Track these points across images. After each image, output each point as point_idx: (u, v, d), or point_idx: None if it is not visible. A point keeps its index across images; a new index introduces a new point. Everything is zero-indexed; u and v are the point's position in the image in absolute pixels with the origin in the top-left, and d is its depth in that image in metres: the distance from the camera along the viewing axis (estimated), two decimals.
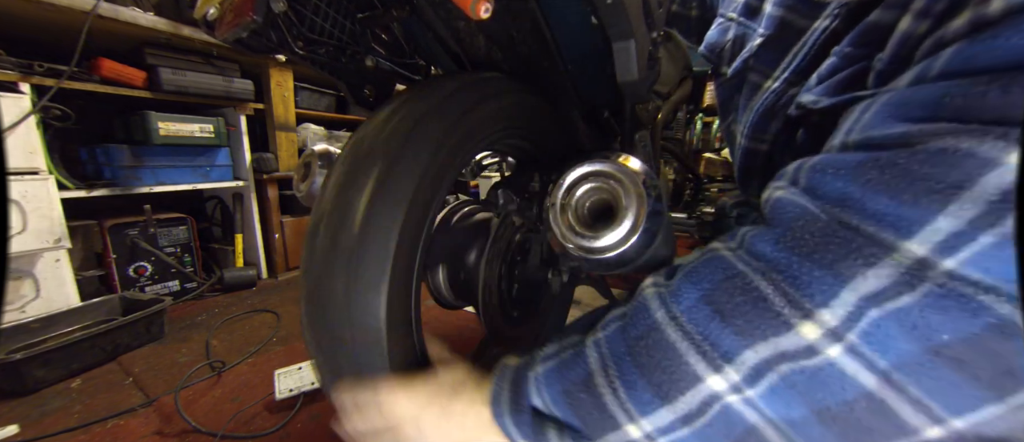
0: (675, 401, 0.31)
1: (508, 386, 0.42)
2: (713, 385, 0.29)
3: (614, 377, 0.34)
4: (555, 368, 0.39)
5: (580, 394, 0.36)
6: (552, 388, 0.38)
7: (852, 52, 0.40)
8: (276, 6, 0.48)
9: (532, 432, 0.39)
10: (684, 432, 0.31)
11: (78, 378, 1.17)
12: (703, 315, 0.30)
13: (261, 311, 1.62)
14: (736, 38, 0.62)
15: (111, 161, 1.57)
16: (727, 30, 0.64)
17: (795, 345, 0.27)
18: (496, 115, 0.57)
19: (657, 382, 0.31)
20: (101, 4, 1.33)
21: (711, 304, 0.30)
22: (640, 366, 0.33)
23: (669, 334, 0.32)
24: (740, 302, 0.29)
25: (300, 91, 2.14)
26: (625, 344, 0.34)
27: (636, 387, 0.32)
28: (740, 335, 0.28)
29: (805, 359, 0.26)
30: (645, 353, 0.33)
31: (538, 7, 0.58)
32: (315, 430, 0.93)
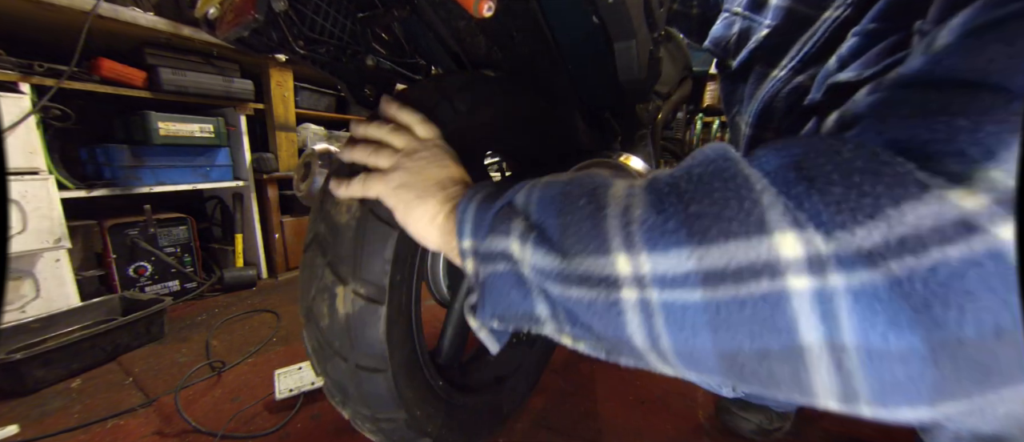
0: (709, 246, 0.22)
1: (492, 187, 0.38)
2: (782, 249, 0.20)
3: (639, 199, 0.26)
4: (566, 177, 0.32)
5: (578, 200, 0.29)
6: (549, 188, 0.32)
7: (878, 28, 0.39)
8: (277, 5, 0.48)
9: (488, 222, 0.34)
10: (695, 295, 0.22)
11: (78, 378, 1.17)
12: (790, 178, 0.22)
13: (261, 311, 1.62)
14: (742, 32, 0.63)
15: (111, 161, 1.57)
16: (732, 24, 0.65)
17: (935, 221, 0.18)
18: (496, 115, 0.57)
19: (696, 213, 0.23)
20: (101, 4, 1.33)
21: (801, 169, 0.22)
22: (682, 193, 0.24)
23: (743, 168, 0.23)
24: (844, 165, 0.21)
25: (300, 91, 2.14)
26: (671, 176, 0.26)
27: (662, 213, 0.24)
28: (840, 206, 0.20)
29: (947, 245, 0.17)
30: (698, 181, 0.24)
31: (539, 7, 0.58)
32: (315, 430, 0.92)
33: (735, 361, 0.22)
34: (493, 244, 0.33)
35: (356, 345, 0.48)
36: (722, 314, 0.22)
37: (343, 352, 0.49)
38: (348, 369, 0.49)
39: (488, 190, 0.38)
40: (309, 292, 0.50)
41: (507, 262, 0.32)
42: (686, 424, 0.93)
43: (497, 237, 0.33)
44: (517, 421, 0.93)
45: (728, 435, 0.90)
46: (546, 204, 0.31)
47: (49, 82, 1.33)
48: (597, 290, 0.26)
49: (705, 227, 0.22)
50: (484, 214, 0.35)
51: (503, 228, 0.33)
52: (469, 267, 0.37)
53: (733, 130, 0.69)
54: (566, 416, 0.95)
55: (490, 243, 0.33)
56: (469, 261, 0.36)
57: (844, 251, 0.19)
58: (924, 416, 0.20)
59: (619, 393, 1.04)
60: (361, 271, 0.47)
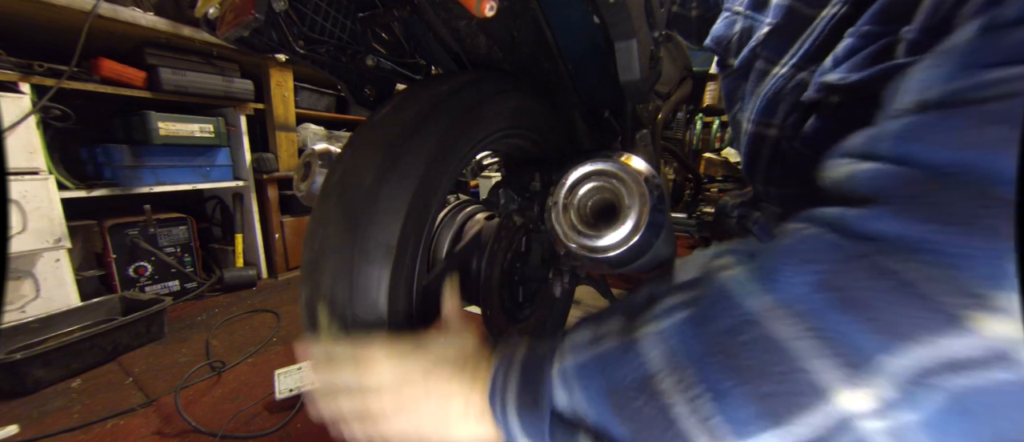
0: (789, 423, 0.22)
1: (517, 375, 0.35)
2: (848, 403, 0.21)
3: (691, 382, 0.26)
4: (594, 361, 0.31)
5: (634, 398, 0.28)
6: (590, 385, 0.30)
7: (872, 30, 0.40)
8: (277, 5, 0.48)
9: (550, 435, 0.32)
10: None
11: (78, 378, 1.17)
12: (821, 303, 0.22)
13: (261, 311, 1.62)
14: (743, 30, 0.63)
15: (111, 161, 1.57)
16: (734, 23, 0.65)
17: (971, 349, 0.19)
18: (497, 115, 0.57)
19: (762, 394, 0.23)
20: (101, 4, 1.33)
21: (832, 290, 0.22)
22: (733, 370, 0.24)
23: (775, 329, 0.23)
24: (878, 290, 0.21)
25: (300, 91, 2.14)
26: (704, 341, 0.26)
27: (729, 398, 0.24)
28: (881, 331, 0.20)
29: (988, 369, 0.19)
30: (740, 354, 0.24)
31: (539, 7, 0.58)
32: (315, 430, 0.92)
33: None
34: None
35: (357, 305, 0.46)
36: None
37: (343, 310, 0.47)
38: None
39: (512, 385, 0.34)
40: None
41: None
42: None
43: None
44: None
45: None
46: (598, 406, 0.29)
47: (49, 82, 1.33)
48: None
49: (776, 408, 0.23)
50: (533, 424, 0.32)
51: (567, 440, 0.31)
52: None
53: (734, 127, 0.69)
54: None
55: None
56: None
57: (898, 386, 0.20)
58: None
59: None
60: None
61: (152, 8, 1.51)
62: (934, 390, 0.20)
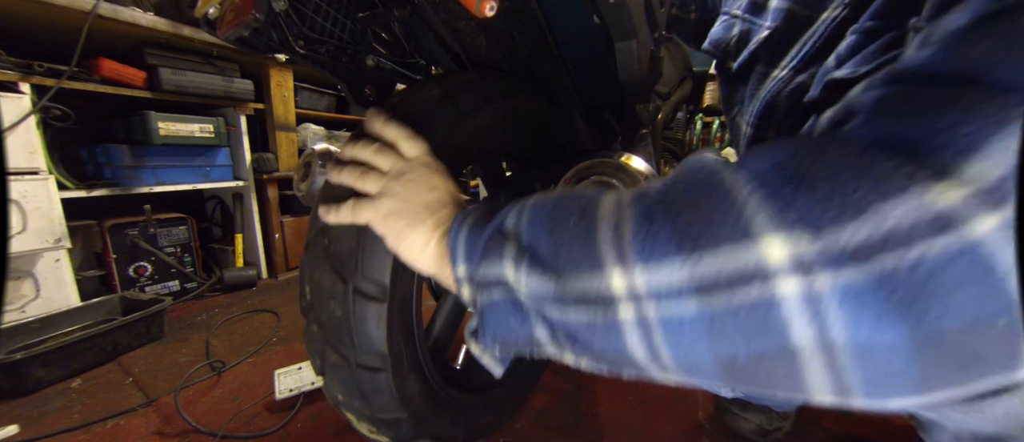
0: (700, 255, 0.22)
1: (482, 209, 0.38)
2: (770, 253, 0.20)
3: (628, 213, 0.26)
4: (553, 199, 0.32)
5: (568, 220, 0.29)
6: (538, 209, 0.31)
7: (875, 25, 0.40)
8: (277, 5, 0.48)
9: (480, 249, 0.33)
10: (689, 305, 0.22)
11: (78, 378, 1.17)
12: (778, 178, 0.22)
13: (261, 311, 1.62)
14: (741, 33, 0.63)
15: (111, 161, 1.57)
16: (732, 26, 0.65)
17: (915, 216, 0.18)
18: (497, 114, 0.57)
19: (685, 221, 0.23)
20: (101, 4, 1.33)
21: (787, 169, 0.22)
22: (670, 204, 0.24)
23: (728, 176, 0.23)
24: (833, 164, 0.21)
25: (300, 91, 2.14)
26: (658, 189, 0.27)
27: (653, 225, 0.24)
28: (827, 203, 0.20)
29: (927, 240, 0.18)
30: (684, 191, 0.25)
31: (539, 7, 0.58)
32: (315, 430, 0.92)
33: (733, 367, 0.23)
34: (487, 271, 0.33)
35: (357, 344, 0.48)
36: (717, 323, 0.22)
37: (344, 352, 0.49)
38: (349, 369, 0.49)
39: (478, 213, 0.38)
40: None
41: (502, 289, 0.32)
42: (686, 424, 0.93)
43: (490, 264, 0.33)
44: (517, 421, 0.93)
45: (728, 435, 0.90)
46: (537, 225, 0.31)
47: (49, 82, 1.32)
48: (594, 310, 0.26)
49: (695, 234, 0.22)
50: (476, 240, 0.35)
51: (496, 254, 0.32)
52: (465, 294, 0.37)
53: (734, 131, 0.69)
54: (566, 416, 0.95)
55: (484, 270, 0.33)
56: (465, 288, 0.36)
57: (830, 250, 0.20)
58: (914, 405, 0.21)
59: (619, 393, 1.04)
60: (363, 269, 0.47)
61: (152, 8, 1.51)
62: (862, 263, 0.19)
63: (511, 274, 0.31)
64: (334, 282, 0.48)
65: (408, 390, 0.53)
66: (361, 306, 0.47)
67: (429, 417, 0.57)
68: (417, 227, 0.41)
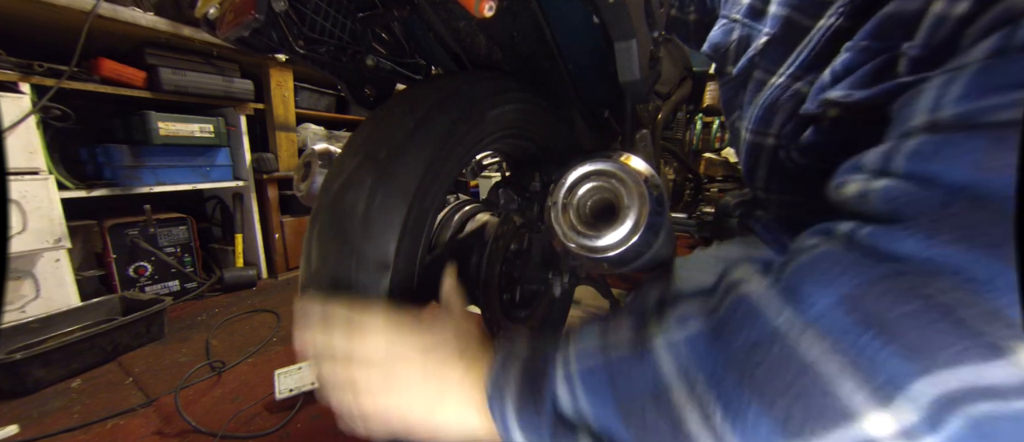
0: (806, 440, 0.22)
1: (519, 372, 0.34)
2: (872, 426, 0.21)
3: (707, 397, 0.25)
4: (602, 368, 0.30)
5: (645, 409, 0.28)
6: (596, 391, 0.30)
7: (871, 45, 0.40)
8: (277, 5, 0.48)
9: (550, 435, 0.31)
10: None
11: (78, 378, 1.17)
12: (849, 324, 0.22)
13: (261, 311, 1.62)
14: (741, 38, 0.62)
15: (111, 161, 1.57)
16: (731, 31, 0.65)
17: (1005, 377, 0.19)
18: (496, 114, 0.57)
19: (784, 412, 0.23)
20: (101, 4, 1.33)
21: (859, 311, 0.22)
22: (751, 387, 0.24)
23: (799, 347, 0.23)
24: (907, 311, 0.21)
25: (300, 91, 2.14)
26: (721, 355, 0.26)
27: (747, 416, 0.24)
28: (913, 356, 0.20)
29: (1019, 398, 0.19)
30: (759, 371, 0.24)
31: (539, 7, 0.58)
32: (315, 430, 0.92)
33: None
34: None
35: None
36: None
37: None
38: None
39: (512, 376, 0.34)
40: None
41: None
42: None
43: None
44: None
45: None
46: (604, 410, 0.29)
47: (49, 82, 1.33)
48: None
49: (797, 427, 0.22)
50: (534, 424, 0.32)
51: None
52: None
53: (733, 135, 0.69)
54: None
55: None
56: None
57: (926, 409, 0.20)
58: None
59: None
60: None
61: (152, 8, 1.51)
62: (957, 416, 0.20)
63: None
64: None
65: None
66: None
67: None
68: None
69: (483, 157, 1.06)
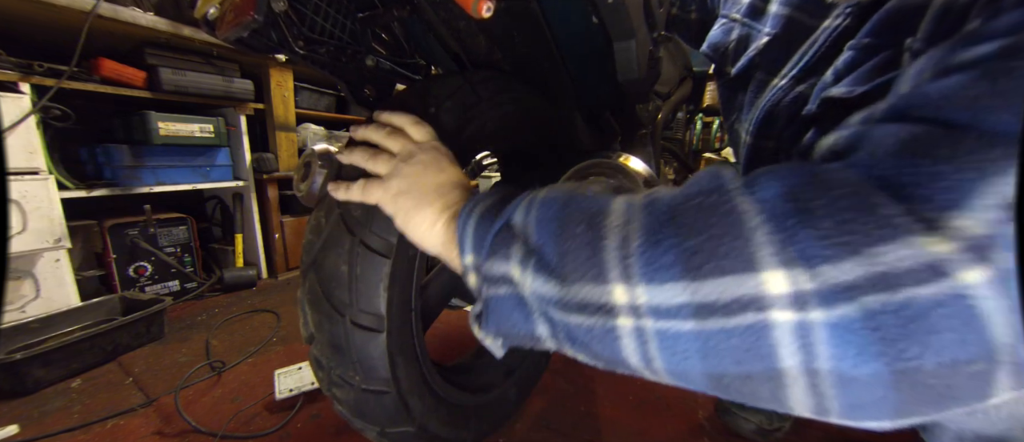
0: (703, 281, 0.23)
1: (494, 198, 0.38)
2: (770, 286, 0.22)
3: (636, 229, 0.27)
4: (563, 195, 0.33)
5: (576, 226, 0.29)
6: (546, 209, 0.32)
7: (872, 42, 0.40)
8: (277, 5, 0.48)
9: (488, 243, 0.35)
10: (687, 325, 0.24)
11: (78, 378, 1.17)
12: (785, 209, 0.23)
13: (261, 311, 1.62)
14: (740, 38, 0.62)
15: (111, 161, 1.57)
16: (731, 30, 0.64)
17: (908, 263, 0.20)
18: (496, 114, 0.57)
19: (692, 249, 0.24)
20: (101, 4, 1.33)
21: (795, 200, 0.23)
22: (679, 226, 0.25)
23: (739, 203, 0.24)
24: (835, 201, 0.22)
25: (300, 91, 2.14)
26: (669, 204, 0.27)
27: (659, 246, 0.25)
28: (827, 241, 0.21)
29: (916, 286, 0.20)
30: (694, 213, 0.25)
31: (539, 7, 0.58)
32: (315, 430, 0.92)
33: (721, 381, 0.25)
34: (494, 267, 0.34)
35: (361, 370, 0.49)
36: (711, 343, 0.24)
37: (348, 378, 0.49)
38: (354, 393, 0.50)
39: (488, 203, 0.38)
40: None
41: (508, 285, 0.33)
42: (686, 424, 0.93)
43: (498, 260, 0.34)
44: (517, 421, 0.93)
45: (728, 435, 0.90)
46: (544, 227, 0.31)
47: (49, 82, 1.32)
48: (595, 317, 0.28)
49: (700, 263, 0.24)
50: (484, 233, 0.36)
51: (503, 251, 0.33)
52: (471, 281, 0.38)
53: (732, 136, 0.69)
54: (566, 416, 0.95)
55: (491, 266, 0.34)
56: (471, 277, 0.38)
57: (826, 286, 0.21)
58: (889, 427, 0.23)
59: (619, 393, 1.04)
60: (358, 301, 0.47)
61: (152, 8, 1.51)
62: (852, 301, 0.20)
63: (517, 274, 0.32)
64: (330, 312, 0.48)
65: (412, 405, 0.53)
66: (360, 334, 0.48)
67: (431, 420, 0.57)
68: (425, 208, 0.42)
69: (483, 157, 1.06)
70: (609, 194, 0.32)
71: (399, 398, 0.51)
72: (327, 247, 0.49)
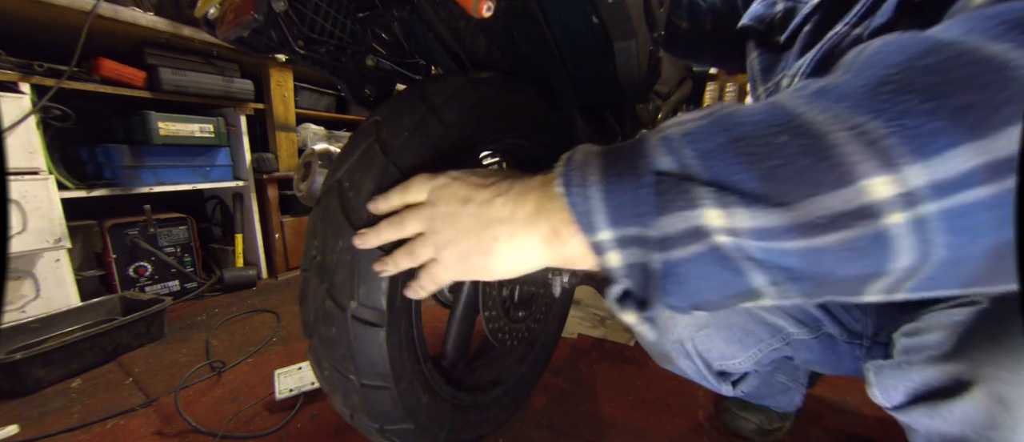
0: (994, 136, 0.20)
1: (599, 156, 0.31)
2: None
3: (852, 114, 0.23)
4: (709, 125, 0.27)
5: (771, 139, 0.24)
6: (705, 141, 0.27)
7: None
8: (277, 5, 0.48)
9: (651, 200, 0.27)
10: (981, 192, 0.21)
11: (78, 378, 1.17)
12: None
13: (261, 311, 1.62)
14: (786, 11, 0.65)
15: (111, 161, 1.57)
16: (774, 4, 0.67)
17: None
18: (496, 114, 0.57)
19: (962, 107, 0.20)
20: (101, 4, 1.33)
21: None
22: (927, 89, 0.21)
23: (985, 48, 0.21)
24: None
25: (300, 91, 2.14)
26: (882, 78, 0.23)
27: (915, 117, 0.21)
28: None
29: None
30: (938, 72, 0.22)
31: (539, 7, 0.58)
32: (315, 430, 0.92)
33: (1002, 256, 0.22)
34: (673, 224, 0.27)
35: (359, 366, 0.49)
36: (1006, 206, 0.20)
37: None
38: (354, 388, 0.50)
39: (592, 166, 0.31)
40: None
41: (701, 240, 0.27)
42: (686, 424, 0.94)
43: (676, 215, 0.27)
44: (517, 421, 0.93)
45: (728, 435, 0.90)
46: (721, 157, 0.26)
47: (49, 82, 1.32)
48: (849, 229, 0.23)
49: (981, 118, 0.20)
50: (631, 193, 0.28)
51: (680, 201, 0.27)
52: (614, 260, 0.31)
53: (772, 94, 0.69)
54: (566, 416, 0.95)
55: (667, 224, 0.27)
56: (613, 254, 0.30)
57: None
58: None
59: (619, 393, 1.04)
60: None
61: (152, 8, 1.51)
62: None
63: (717, 220, 0.26)
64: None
65: (412, 402, 0.53)
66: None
67: (432, 425, 0.57)
68: (489, 229, 0.36)
69: (483, 157, 1.06)
70: (748, 107, 0.27)
71: (398, 395, 0.51)
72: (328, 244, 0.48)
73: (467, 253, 0.37)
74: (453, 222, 0.37)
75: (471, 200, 0.37)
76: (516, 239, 0.35)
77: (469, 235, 0.37)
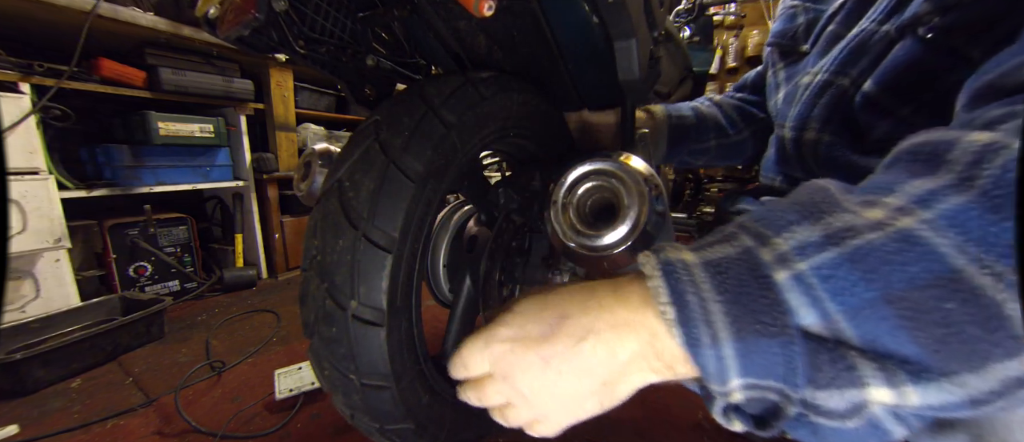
0: None
1: (711, 286, 0.26)
2: None
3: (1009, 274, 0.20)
4: (849, 260, 0.23)
5: (937, 302, 0.21)
6: (850, 292, 0.23)
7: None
8: (277, 5, 0.48)
9: (803, 369, 0.24)
10: None
11: (78, 378, 1.17)
12: None
13: (261, 311, 1.62)
14: (808, 22, 0.68)
15: (111, 161, 1.57)
16: (796, 16, 0.69)
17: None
18: (496, 114, 0.57)
19: None
20: (101, 4, 1.33)
21: None
22: None
23: None
24: None
25: (300, 91, 2.14)
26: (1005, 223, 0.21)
27: None
28: None
29: None
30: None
31: (539, 6, 0.58)
32: (315, 430, 0.92)
33: None
34: (828, 399, 0.24)
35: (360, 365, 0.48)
36: None
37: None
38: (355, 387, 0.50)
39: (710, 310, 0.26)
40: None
41: (859, 414, 0.25)
42: (686, 424, 0.93)
43: (834, 392, 0.24)
44: None
45: (728, 435, 0.90)
46: (867, 314, 0.23)
47: (49, 82, 1.33)
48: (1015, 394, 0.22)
49: None
50: (772, 355, 0.24)
51: (842, 380, 0.24)
52: (738, 397, 0.27)
53: (789, 93, 0.69)
54: None
55: (821, 397, 0.25)
56: (739, 394, 0.27)
57: None
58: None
59: None
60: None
61: (152, 8, 1.51)
62: None
63: (884, 398, 0.24)
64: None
65: (412, 402, 0.53)
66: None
67: (432, 425, 0.57)
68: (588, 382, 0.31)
69: (483, 156, 1.06)
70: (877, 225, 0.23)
71: (399, 394, 0.51)
72: (328, 244, 0.48)
73: (574, 413, 0.34)
74: (547, 394, 0.33)
75: (551, 359, 0.32)
76: (628, 381, 0.32)
77: (573, 399, 0.33)
